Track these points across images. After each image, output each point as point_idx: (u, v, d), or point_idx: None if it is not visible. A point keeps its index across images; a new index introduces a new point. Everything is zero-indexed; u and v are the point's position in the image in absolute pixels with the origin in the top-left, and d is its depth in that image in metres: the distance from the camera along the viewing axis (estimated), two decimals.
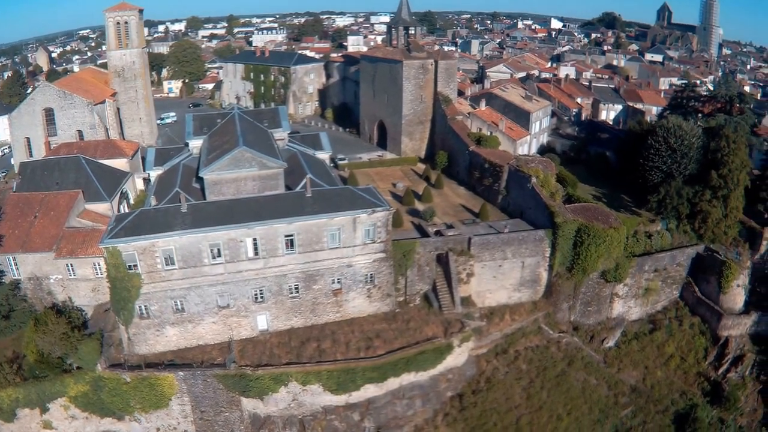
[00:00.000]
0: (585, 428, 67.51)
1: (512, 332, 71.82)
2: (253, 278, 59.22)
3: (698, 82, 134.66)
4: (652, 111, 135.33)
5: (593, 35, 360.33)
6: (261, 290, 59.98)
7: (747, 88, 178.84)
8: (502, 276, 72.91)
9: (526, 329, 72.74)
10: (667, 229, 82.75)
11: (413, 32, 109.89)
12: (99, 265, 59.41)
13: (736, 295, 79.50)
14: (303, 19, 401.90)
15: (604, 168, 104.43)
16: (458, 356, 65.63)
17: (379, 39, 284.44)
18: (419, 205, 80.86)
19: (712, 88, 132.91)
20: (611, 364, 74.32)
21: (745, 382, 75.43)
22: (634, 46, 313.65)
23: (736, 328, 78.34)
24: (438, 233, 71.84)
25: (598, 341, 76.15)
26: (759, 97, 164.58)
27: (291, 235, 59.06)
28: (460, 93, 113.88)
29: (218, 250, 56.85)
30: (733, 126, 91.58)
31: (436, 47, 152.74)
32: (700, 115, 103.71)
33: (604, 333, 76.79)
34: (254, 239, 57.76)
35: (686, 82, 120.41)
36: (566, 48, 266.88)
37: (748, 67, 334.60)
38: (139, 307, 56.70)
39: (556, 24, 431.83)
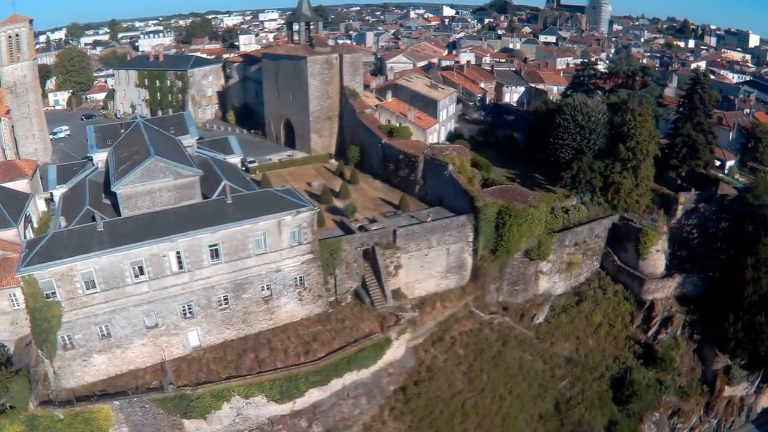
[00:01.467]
0: (527, 404, 72.15)
1: (445, 319, 75.48)
2: (180, 294, 59.04)
3: (585, 60, 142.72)
4: (554, 90, 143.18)
5: (486, 20, 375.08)
6: (189, 305, 59.86)
7: (644, 61, 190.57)
8: (429, 265, 76.16)
9: (458, 315, 76.63)
10: (582, 202, 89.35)
11: (314, 27, 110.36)
12: (15, 296, 56.85)
13: (657, 260, 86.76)
14: (189, 21, 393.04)
15: (514, 149, 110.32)
16: (397, 349, 68.33)
17: (271, 36, 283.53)
18: (338, 203, 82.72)
19: (606, 65, 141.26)
20: (544, 339, 79.48)
21: (677, 342, 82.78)
22: (527, 29, 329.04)
23: (660, 291, 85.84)
24: (362, 228, 74.16)
25: (528, 318, 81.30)
26: (657, 67, 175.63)
27: (215, 245, 59.34)
28: (365, 86, 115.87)
29: (141, 267, 56.29)
30: (638, 99, 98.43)
31: (330, 42, 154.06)
32: (600, 91, 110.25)
33: (533, 310, 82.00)
34: (177, 252, 57.59)
35: (586, 60, 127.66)
36: (461, 34, 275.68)
37: (642, 39, 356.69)
38: (62, 337, 55.20)
39: (448, 11, 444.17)
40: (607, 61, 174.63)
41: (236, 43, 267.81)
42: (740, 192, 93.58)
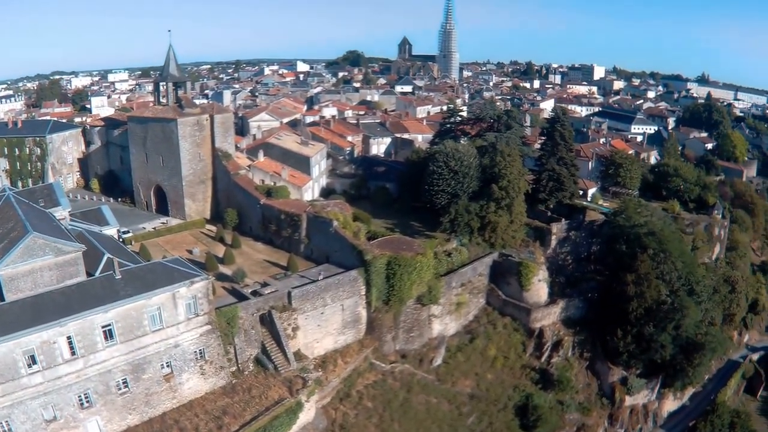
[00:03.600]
0: None
1: (348, 375, 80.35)
2: (74, 382, 59.08)
3: (451, 106, 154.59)
4: (419, 139, 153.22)
5: (340, 74, 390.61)
6: (86, 393, 59.88)
7: (497, 104, 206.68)
8: (325, 323, 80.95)
9: (360, 369, 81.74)
10: (462, 244, 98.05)
11: (182, 88, 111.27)
12: None
13: (539, 289, 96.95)
14: (36, 83, 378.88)
15: (388, 200, 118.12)
16: (308, 412, 71.67)
17: (123, 98, 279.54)
18: (225, 269, 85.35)
19: (466, 110, 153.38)
20: (445, 380, 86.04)
21: (570, 363, 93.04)
22: (382, 80, 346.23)
23: (546, 318, 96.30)
24: (255, 293, 77.57)
25: (427, 362, 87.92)
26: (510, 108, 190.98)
27: (108, 325, 60.20)
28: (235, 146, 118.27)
29: (32, 356, 55.62)
30: (505, 141, 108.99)
31: None
32: (466, 137, 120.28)
33: (430, 353, 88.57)
34: (68, 337, 57.66)
35: (451, 107, 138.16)
36: (319, 89, 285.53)
37: (491, 83, 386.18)
38: None
39: (302, 66, 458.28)
40: (464, 107, 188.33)
41: (87, 106, 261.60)
42: (607, 216, 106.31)
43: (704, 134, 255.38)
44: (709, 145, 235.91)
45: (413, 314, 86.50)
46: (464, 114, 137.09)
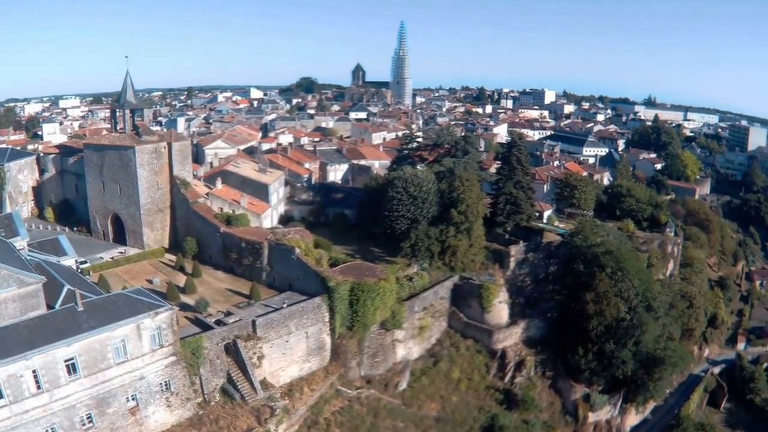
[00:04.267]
0: None
1: (315, 402, 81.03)
2: (41, 417, 58.58)
3: (408, 132, 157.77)
4: (376, 165, 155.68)
5: (294, 101, 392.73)
6: (52, 428, 59.42)
7: (451, 129, 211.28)
8: (290, 351, 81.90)
9: (326, 396, 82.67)
10: (422, 269, 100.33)
11: (140, 115, 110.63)
12: None
13: (500, 310, 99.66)
14: None
15: (347, 226, 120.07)
16: None
17: (76, 125, 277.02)
18: (186, 298, 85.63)
19: (421, 136, 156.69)
20: (411, 404, 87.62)
21: (533, 382, 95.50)
22: (336, 107, 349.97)
23: (508, 339, 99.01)
24: (219, 323, 78.01)
25: (393, 387, 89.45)
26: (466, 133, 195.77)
27: (71, 359, 59.93)
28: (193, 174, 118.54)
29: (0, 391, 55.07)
30: (463, 166, 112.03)
31: None
32: (424, 162, 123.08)
33: (395, 378, 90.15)
34: (34, 371, 57.14)
35: (408, 134, 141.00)
36: (273, 116, 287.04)
37: (444, 109, 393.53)
38: None
39: (256, 93, 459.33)
40: (419, 133, 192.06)
41: (39, 132, 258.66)
42: (564, 237, 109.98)
43: (653, 155, 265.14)
44: (659, 166, 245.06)
45: (377, 339, 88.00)
46: (420, 140, 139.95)
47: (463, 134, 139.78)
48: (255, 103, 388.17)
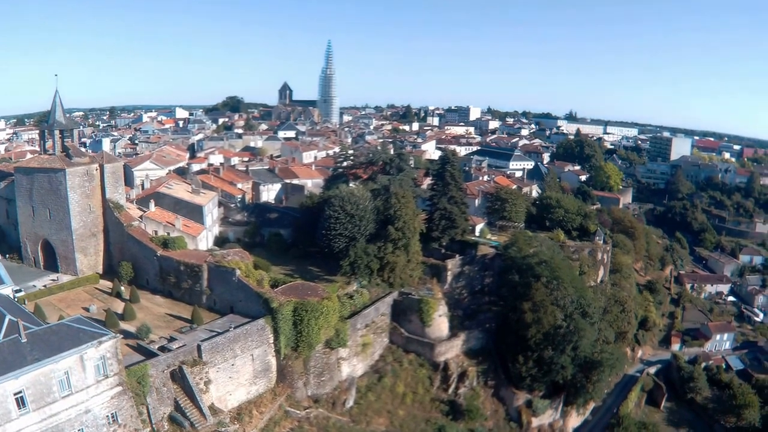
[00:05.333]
0: None
1: (265, 425, 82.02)
2: None
3: (341, 150, 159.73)
4: (308, 184, 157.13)
5: (221, 120, 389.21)
6: None
7: (379, 147, 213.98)
8: (236, 374, 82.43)
9: (275, 417, 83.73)
10: (362, 286, 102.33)
11: (70, 136, 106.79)
12: None
13: (441, 324, 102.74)
14: None
15: (283, 246, 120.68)
16: None
17: (1, 148, 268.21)
18: (126, 325, 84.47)
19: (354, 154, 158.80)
20: (359, 421, 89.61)
21: (476, 392, 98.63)
22: (264, 126, 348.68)
23: (449, 351, 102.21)
24: (163, 349, 77.77)
25: (340, 405, 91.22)
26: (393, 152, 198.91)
27: (20, 392, 58.83)
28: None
29: None
30: (398, 183, 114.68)
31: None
32: (358, 180, 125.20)
33: (342, 396, 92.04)
34: None
35: (343, 152, 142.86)
36: (200, 136, 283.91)
37: (372, 127, 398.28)
38: None
39: (181, 113, 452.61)
40: (351, 151, 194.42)
41: None
42: (498, 249, 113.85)
43: (578, 167, 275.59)
44: (583, 177, 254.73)
45: (322, 358, 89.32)
46: (353, 158, 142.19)
47: (398, 152, 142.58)
48: (181, 123, 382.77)
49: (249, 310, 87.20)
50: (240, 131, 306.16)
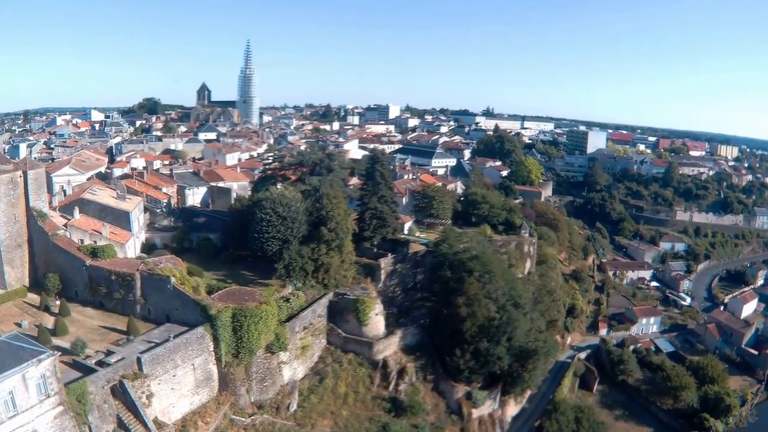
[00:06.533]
0: None
1: None
2: None
3: (271, 153, 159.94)
4: (234, 186, 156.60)
5: (138, 122, 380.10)
6: None
7: (302, 147, 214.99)
8: (178, 385, 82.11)
9: (221, 427, 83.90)
10: (297, 289, 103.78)
11: None
12: None
13: (377, 322, 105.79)
14: None
15: (213, 251, 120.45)
16: None
17: None
18: (60, 341, 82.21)
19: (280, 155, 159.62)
20: (305, 424, 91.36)
21: (416, 387, 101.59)
22: (183, 128, 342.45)
23: (387, 349, 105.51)
24: (101, 364, 76.43)
25: (284, 409, 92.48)
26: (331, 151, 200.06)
27: None
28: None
29: None
30: (328, 184, 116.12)
31: None
32: (288, 181, 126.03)
33: (285, 400, 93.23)
34: None
35: (273, 154, 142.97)
36: (118, 139, 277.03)
37: (293, 127, 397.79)
38: None
39: (97, 115, 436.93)
40: (274, 152, 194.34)
41: None
42: (428, 246, 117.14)
43: (499, 163, 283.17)
44: (505, 173, 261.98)
45: (264, 363, 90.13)
46: (283, 159, 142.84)
47: (327, 153, 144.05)
48: (97, 126, 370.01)
49: (186, 318, 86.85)
50: (159, 134, 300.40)
